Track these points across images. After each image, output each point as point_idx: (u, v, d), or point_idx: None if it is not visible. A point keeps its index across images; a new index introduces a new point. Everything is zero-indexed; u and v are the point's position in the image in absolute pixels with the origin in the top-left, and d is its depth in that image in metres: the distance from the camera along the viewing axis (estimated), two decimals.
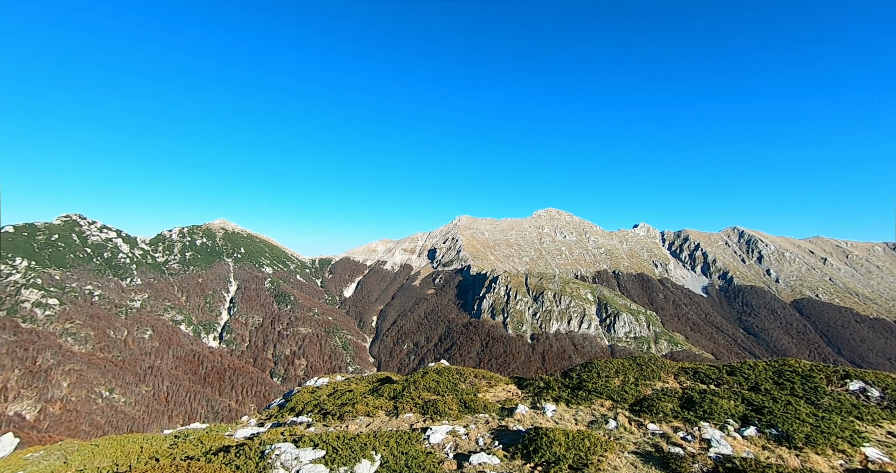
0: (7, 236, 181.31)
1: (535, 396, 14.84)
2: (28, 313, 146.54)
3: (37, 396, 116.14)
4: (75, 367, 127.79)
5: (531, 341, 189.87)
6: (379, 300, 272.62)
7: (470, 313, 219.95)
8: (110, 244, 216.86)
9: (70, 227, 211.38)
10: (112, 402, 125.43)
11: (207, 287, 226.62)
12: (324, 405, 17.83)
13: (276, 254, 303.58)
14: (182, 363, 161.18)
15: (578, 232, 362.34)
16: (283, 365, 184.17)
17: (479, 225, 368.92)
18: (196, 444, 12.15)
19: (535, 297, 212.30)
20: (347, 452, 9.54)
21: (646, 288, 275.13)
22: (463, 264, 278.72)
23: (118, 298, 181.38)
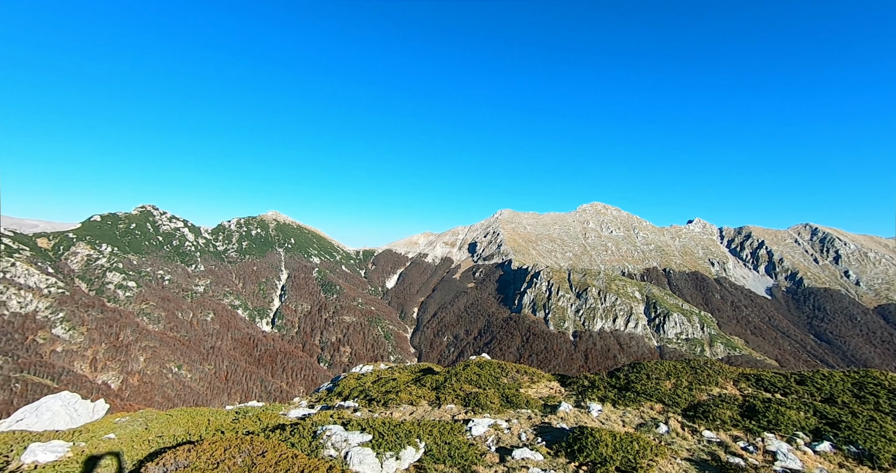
0: (95, 225, 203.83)
1: (578, 394, 14.49)
2: (112, 293, 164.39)
3: (119, 368, 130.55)
4: (150, 344, 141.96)
5: (573, 338, 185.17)
6: (420, 292, 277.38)
7: (510, 307, 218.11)
8: (178, 233, 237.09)
9: (145, 217, 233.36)
10: (180, 377, 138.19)
11: (261, 275, 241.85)
12: (369, 391, 18.53)
13: (323, 245, 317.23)
14: (239, 344, 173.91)
15: (626, 227, 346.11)
16: (329, 351, 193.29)
17: (520, 219, 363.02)
18: (255, 421, 13.09)
19: (578, 293, 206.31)
20: (393, 438, 9.86)
21: (700, 288, 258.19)
22: (504, 258, 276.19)
23: (185, 282, 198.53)
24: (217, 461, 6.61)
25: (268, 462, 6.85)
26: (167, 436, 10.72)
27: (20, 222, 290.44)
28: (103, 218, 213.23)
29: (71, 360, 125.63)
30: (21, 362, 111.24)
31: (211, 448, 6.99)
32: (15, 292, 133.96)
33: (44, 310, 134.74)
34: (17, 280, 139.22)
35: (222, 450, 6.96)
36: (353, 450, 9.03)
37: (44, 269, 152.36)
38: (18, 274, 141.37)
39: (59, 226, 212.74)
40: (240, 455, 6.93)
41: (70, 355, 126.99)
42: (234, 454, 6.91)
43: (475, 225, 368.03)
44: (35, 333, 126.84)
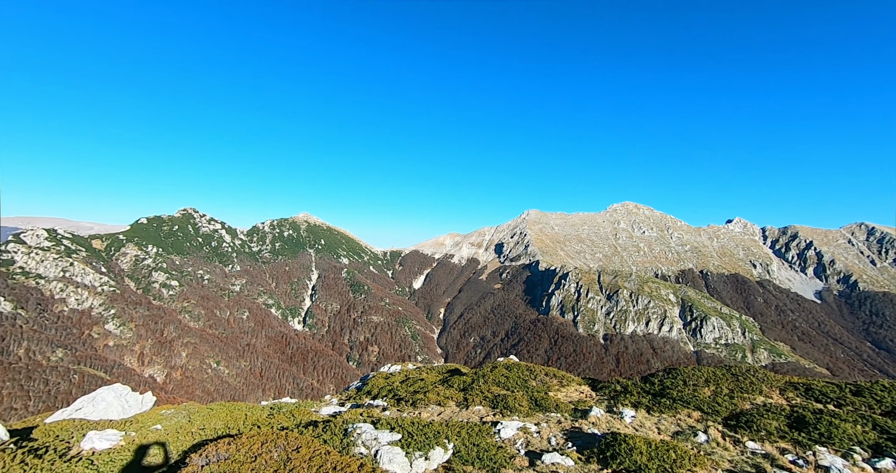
0: (142, 227, 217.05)
1: (610, 399, 14.09)
2: (157, 292, 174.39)
3: (164, 362, 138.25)
4: (191, 340, 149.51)
5: (604, 341, 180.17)
6: (446, 293, 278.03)
7: (538, 309, 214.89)
8: (216, 235, 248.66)
9: (187, 219, 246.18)
10: (219, 373, 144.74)
11: (293, 275, 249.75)
12: (397, 391, 18.75)
13: (352, 246, 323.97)
14: (273, 342, 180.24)
15: (659, 228, 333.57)
16: (357, 351, 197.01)
17: (548, 219, 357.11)
18: (288, 417, 13.53)
19: (608, 295, 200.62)
20: (422, 438, 9.93)
21: (741, 291, 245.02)
22: (531, 259, 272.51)
23: (222, 282, 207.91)
24: (255, 454, 6.88)
25: (302, 457, 7.06)
26: (208, 429, 11.26)
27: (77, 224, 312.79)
28: (149, 220, 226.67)
29: (121, 354, 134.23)
30: (78, 355, 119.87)
31: (249, 441, 7.28)
32: (73, 290, 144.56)
33: (98, 307, 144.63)
34: (75, 279, 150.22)
35: (259, 444, 7.23)
36: (383, 449, 9.16)
37: (97, 268, 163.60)
38: (76, 273, 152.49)
39: (111, 228, 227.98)
40: (276, 449, 7.19)
41: (120, 349, 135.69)
42: (271, 448, 7.17)
43: (501, 226, 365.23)
44: (90, 328, 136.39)
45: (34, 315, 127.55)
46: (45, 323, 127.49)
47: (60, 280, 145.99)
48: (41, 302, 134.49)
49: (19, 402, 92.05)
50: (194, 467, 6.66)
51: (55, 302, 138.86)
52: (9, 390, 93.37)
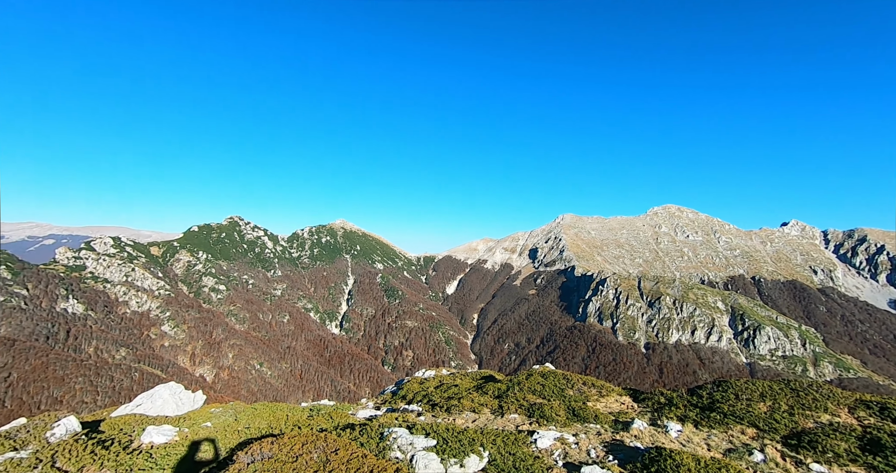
0: (194, 235, 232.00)
1: (654, 412, 13.40)
2: (206, 295, 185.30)
3: (213, 363, 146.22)
4: (237, 342, 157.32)
5: (646, 350, 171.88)
6: (480, 299, 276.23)
7: (574, 316, 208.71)
8: (259, 241, 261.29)
9: (233, 227, 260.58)
10: (262, 374, 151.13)
11: (330, 280, 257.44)
12: (432, 396, 18.79)
13: (386, 251, 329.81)
14: (311, 345, 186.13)
15: (705, 231, 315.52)
16: (392, 355, 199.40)
17: (584, 224, 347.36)
18: (327, 419, 13.90)
19: (649, 302, 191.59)
20: (457, 445, 9.89)
21: (800, 299, 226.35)
22: (566, 264, 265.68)
23: (265, 286, 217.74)
24: (296, 454, 7.12)
25: (340, 459, 7.23)
26: (253, 428, 11.78)
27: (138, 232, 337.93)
28: (200, 229, 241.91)
29: (175, 354, 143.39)
30: (139, 354, 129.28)
31: (291, 442, 7.55)
32: (134, 294, 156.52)
33: (155, 309, 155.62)
34: (136, 283, 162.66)
35: (300, 445, 7.48)
36: (419, 454, 9.20)
37: (155, 273, 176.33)
38: (137, 278, 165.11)
39: (167, 236, 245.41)
40: (315, 450, 7.40)
41: (174, 349, 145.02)
42: (311, 449, 7.39)
43: (536, 230, 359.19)
44: (149, 329, 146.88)
45: (101, 316, 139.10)
46: (110, 324, 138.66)
47: (123, 284, 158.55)
48: (107, 304, 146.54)
49: (89, 396, 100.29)
50: (241, 464, 6.99)
51: (119, 304, 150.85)
52: (81, 385, 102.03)
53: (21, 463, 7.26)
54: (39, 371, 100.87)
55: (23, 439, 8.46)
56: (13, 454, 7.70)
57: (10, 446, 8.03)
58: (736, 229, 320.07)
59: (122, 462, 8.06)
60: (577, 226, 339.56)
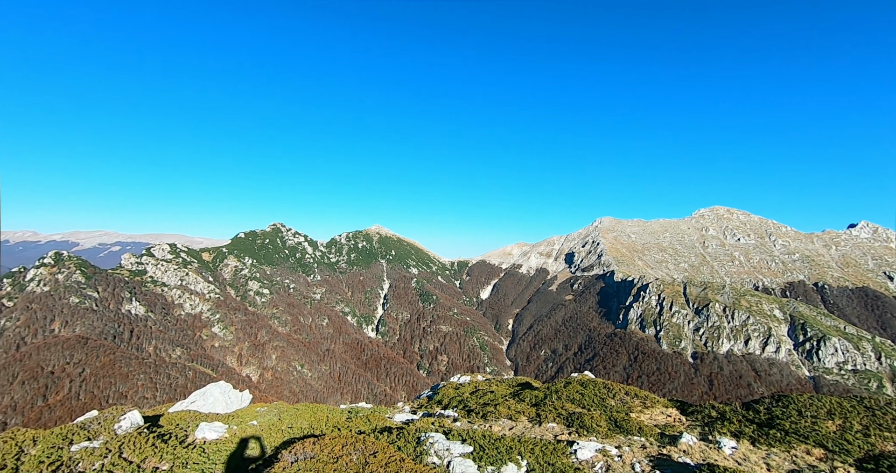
0: (240, 241, 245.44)
1: (705, 426, 12.60)
2: (252, 299, 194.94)
3: (258, 363, 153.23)
4: (280, 344, 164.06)
5: (693, 360, 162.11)
6: (515, 304, 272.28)
7: (614, 322, 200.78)
8: (300, 247, 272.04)
9: (276, 233, 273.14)
10: (303, 375, 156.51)
11: (366, 284, 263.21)
12: (467, 402, 18.69)
13: (421, 256, 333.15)
14: (349, 348, 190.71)
15: (759, 234, 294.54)
16: (427, 359, 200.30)
17: (623, 227, 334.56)
18: (365, 421, 14.17)
19: (696, 309, 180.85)
20: (494, 452, 9.77)
21: (872, 307, 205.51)
22: (605, 269, 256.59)
23: (305, 290, 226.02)
24: (337, 456, 7.31)
25: (379, 462, 7.34)
26: (296, 428, 12.22)
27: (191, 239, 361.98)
28: (246, 235, 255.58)
29: (224, 354, 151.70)
30: (192, 353, 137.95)
31: (332, 443, 7.77)
32: (188, 297, 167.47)
33: (206, 312, 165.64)
34: (189, 287, 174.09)
35: (340, 446, 7.68)
36: (456, 460, 9.17)
37: (206, 278, 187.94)
38: (190, 282, 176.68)
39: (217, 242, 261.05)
40: (355, 452, 7.57)
41: (224, 350, 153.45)
42: (351, 451, 7.57)
43: (572, 234, 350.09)
44: (201, 330, 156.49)
45: (160, 318, 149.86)
46: (167, 325, 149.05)
47: (179, 288, 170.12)
48: (165, 306, 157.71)
49: (149, 392, 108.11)
50: (285, 463, 7.27)
51: (175, 307, 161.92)
52: (142, 381, 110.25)
53: (93, 453, 7.93)
54: (108, 368, 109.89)
55: (95, 430, 9.25)
56: (87, 443, 8.43)
57: (84, 436, 8.81)
58: (794, 231, 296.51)
59: (179, 455, 8.61)
60: (615, 230, 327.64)
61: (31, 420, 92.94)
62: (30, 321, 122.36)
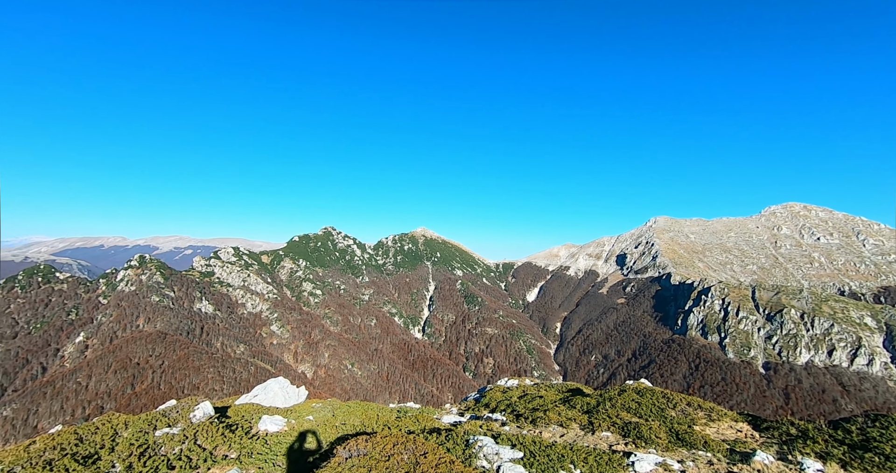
0: (295, 244, 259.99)
1: (783, 444, 11.42)
2: (306, 299, 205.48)
3: (312, 361, 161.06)
4: (332, 343, 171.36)
5: (764, 370, 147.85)
6: (562, 307, 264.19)
7: (672, 328, 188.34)
8: (349, 250, 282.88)
9: (327, 236, 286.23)
10: (353, 373, 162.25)
11: (412, 286, 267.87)
12: (515, 406, 18.37)
13: (465, 258, 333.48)
14: (396, 349, 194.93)
15: (843, 233, 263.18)
16: (473, 362, 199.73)
17: (680, 227, 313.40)
18: (414, 421, 14.38)
19: (768, 315, 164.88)
20: (545, 459, 9.51)
21: None
22: (661, 271, 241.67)
23: (354, 292, 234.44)
24: (388, 454, 7.48)
25: (429, 462, 7.41)
26: (349, 424, 12.68)
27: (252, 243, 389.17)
28: (300, 239, 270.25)
29: (281, 351, 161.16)
30: (254, 350, 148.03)
31: (383, 441, 7.96)
32: (249, 297, 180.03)
33: (265, 311, 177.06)
34: (251, 287, 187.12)
35: (392, 445, 7.85)
36: (505, 466, 9.04)
37: (265, 279, 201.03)
38: (251, 283, 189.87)
39: (274, 245, 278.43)
40: (406, 451, 7.70)
41: (281, 347, 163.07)
42: (402, 450, 7.71)
43: (623, 235, 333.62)
44: (261, 328, 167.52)
45: (226, 316, 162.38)
46: (232, 322, 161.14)
47: (241, 288, 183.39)
48: (230, 305, 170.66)
49: (217, 385, 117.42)
50: (340, 458, 7.56)
51: (238, 306, 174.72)
52: (212, 374, 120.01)
53: (173, 439, 8.74)
54: (183, 361, 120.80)
55: (174, 418, 10.19)
56: (168, 429, 9.30)
57: (165, 422, 9.73)
58: (889, 229, 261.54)
59: (245, 445, 9.25)
60: (672, 229, 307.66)
61: (122, 405, 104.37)
62: (120, 316, 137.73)
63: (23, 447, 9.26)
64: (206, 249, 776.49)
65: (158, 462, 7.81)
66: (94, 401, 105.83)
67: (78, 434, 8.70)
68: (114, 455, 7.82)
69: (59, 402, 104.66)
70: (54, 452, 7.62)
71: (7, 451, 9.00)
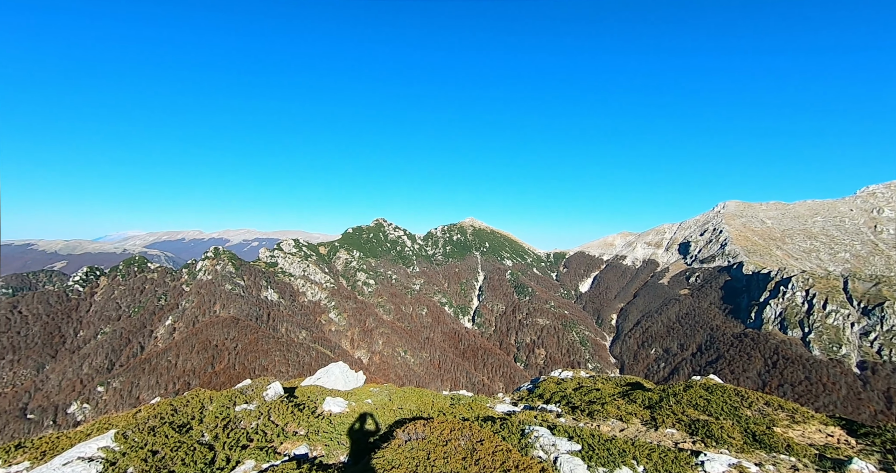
0: (349, 236, 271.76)
1: (887, 453, 10.12)
2: (360, 289, 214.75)
3: (367, 347, 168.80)
4: (385, 331, 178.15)
5: (859, 370, 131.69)
6: (618, 298, 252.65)
7: (744, 321, 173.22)
8: (400, 240, 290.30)
9: (378, 228, 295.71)
10: (406, 361, 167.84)
11: (462, 276, 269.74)
12: (571, 398, 17.96)
13: (515, 248, 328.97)
14: (447, 338, 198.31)
15: None
16: (524, 352, 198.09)
17: (754, 211, 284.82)
18: (467, 409, 14.57)
19: (864, 309, 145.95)
20: (604, 453, 9.22)
21: None
22: (730, 260, 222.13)
23: (405, 282, 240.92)
24: (446, 439, 7.64)
25: (486, 449, 7.47)
26: (405, 409, 13.13)
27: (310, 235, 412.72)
28: (353, 230, 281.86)
29: (339, 338, 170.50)
30: (314, 336, 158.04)
31: (440, 426, 8.14)
32: (309, 286, 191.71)
33: (324, 299, 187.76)
34: (310, 277, 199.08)
35: (449, 431, 8.00)
36: (563, 457, 8.88)
37: (323, 269, 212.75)
38: (311, 273, 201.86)
39: (330, 237, 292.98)
40: (462, 438, 7.82)
41: (339, 334, 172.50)
42: (458, 436, 7.84)
43: (687, 222, 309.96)
44: (320, 315, 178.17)
45: (289, 303, 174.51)
46: (294, 310, 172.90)
47: (302, 278, 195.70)
48: (292, 294, 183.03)
49: (283, 367, 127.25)
50: (399, 440, 7.85)
51: (299, 294, 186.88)
52: (278, 357, 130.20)
53: (251, 414, 9.58)
54: (253, 344, 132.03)
55: (250, 395, 11.17)
56: (245, 406, 10.21)
57: (243, 399, 10.69)
58: None
59: (312, 423, 9.92)
60: (744, 214, 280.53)
61: (205, 382, 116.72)
62: (200, 303, 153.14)
63: (131, 414, 10.68)
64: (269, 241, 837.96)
65: (239, 435, 8.61)
66: (182, 377, 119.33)
67: (173, 406, 9.84)
68: (202, 426, 8.74)
69: (155, 377, 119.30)
70: (155, 420, 8.67)
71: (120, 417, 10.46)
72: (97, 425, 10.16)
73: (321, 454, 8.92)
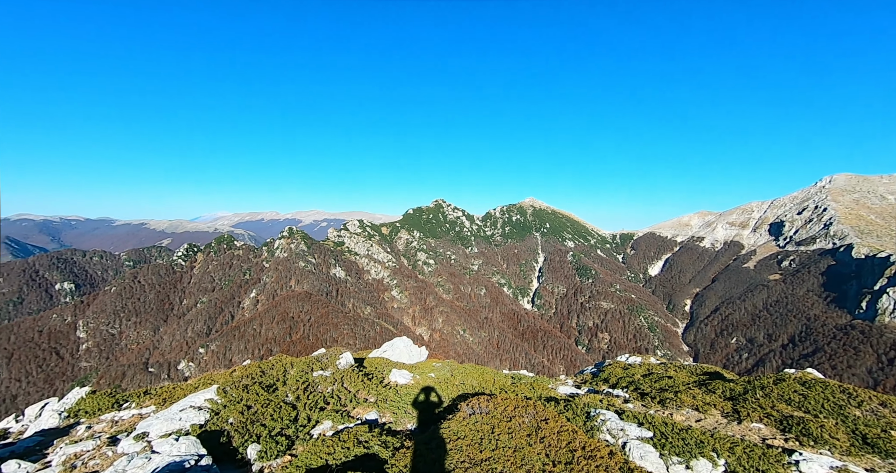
0: (409, 217, 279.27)
1: None
2: (420, 268, 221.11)
3: (427, 325, 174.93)
4: (444, 309, 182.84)
5: None
6: (693, 282, 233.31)
7: (851, 311, 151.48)
8: (459, 221, 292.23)
9: (438, 209, 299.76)
10: (465, 339, 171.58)
11: (521, 257, 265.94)
12: (639, 384, 17.13)
13: (577, 229, 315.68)
14: (506, 318, 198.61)
15: None
16: (586, 336, 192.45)
17: (871, 186, 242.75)
18: (529, 388, 14.53)
19: None
20: (679, 443, 8.69)
21: None
22: (836, 241, 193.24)
23: (464, 262, 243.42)
24: (510, 416, 7.68)
25: (550, 429, 7.39)
26: (467, 384, 13.43)
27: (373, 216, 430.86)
28: (414, 211, 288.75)
29: (401, 314, 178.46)
30: (378, 312, 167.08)
31: (504, 403, 8.19)
32: (373, 265, 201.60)
33: (386, 277, 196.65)
34: (373, 256, 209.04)
35: (513, 407, 8.02)
36: (633, 443, 8.54)
37: (385, 249, 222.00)
38: (374, 252, 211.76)
39: (392, 218, 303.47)
40: (526, 415, 7.80)
41: (401, 311, 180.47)
42: (522, 413, 7.83)
43: (781, 199, 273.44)
44: (383, 293, 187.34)
45: (355, 280, 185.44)
46: (360, 286, 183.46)
47: (365, 256, 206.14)
48: (357, 272, 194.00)
49: (351, 340, 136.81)
50: (464, 413, 8.04)
51: (364, 272, 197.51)
52: (346, 331, 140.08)
53: (326, 380, 10.41)
54: (324, 318, 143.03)
55: (325, 363, 12.12)
56: (321, 372, 11.10)
57: (319, 366, 11.64)
58: None
59: (381, 392, 10.53)
60: (857, 189, 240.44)
61: (284, 349, 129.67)
62: (278, 278, 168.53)
63: (228, 373, 12.16)
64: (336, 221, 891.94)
65: (317, 397, 9.41)
66: (265, 344, 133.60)
67: (261, 368, 11.01)
68: (286, 388, 9.68)
69: (244, 343, 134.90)
70: (248, 379, 9.78)
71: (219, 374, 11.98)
72: (203, 380, 11.74)
73: (389, 420, 9.48)
